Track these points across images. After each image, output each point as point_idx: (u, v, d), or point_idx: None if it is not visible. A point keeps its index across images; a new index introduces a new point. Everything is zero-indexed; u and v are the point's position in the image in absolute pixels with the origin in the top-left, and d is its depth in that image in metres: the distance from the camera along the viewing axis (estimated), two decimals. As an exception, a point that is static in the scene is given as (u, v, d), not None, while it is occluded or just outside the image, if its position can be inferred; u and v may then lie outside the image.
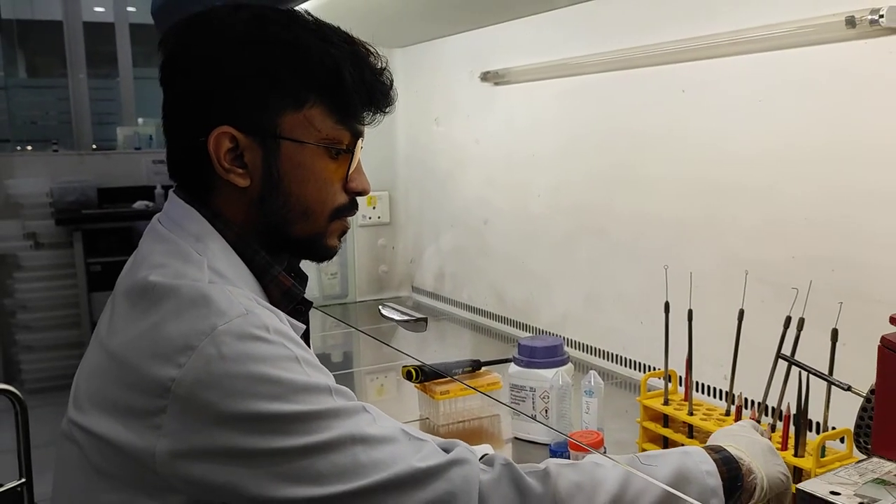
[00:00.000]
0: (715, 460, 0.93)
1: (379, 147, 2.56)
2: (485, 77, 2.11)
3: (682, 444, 1.24)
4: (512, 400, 1.41)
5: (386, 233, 2.62)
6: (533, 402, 1.37)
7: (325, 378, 0.82)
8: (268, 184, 0.89)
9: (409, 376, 1.47)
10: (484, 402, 1.52)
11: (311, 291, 2.51)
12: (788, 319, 1.12)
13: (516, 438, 1.41)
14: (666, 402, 1.27)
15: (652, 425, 1.29)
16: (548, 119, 1.95)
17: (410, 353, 1.81)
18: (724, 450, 0.96)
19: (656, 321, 1.29)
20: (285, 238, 0.93)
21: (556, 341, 1.40)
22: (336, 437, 0.78)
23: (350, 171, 0.93)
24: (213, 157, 0.87)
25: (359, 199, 0.98)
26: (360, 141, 0.93)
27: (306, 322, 1.01)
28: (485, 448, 1.30)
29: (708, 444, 1.01)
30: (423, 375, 1.46)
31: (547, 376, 1.36)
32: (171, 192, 0.94)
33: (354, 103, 0.91)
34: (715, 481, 0.90)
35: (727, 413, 1.23)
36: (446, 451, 0.85)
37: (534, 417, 1.37)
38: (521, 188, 2.06)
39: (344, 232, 0.97)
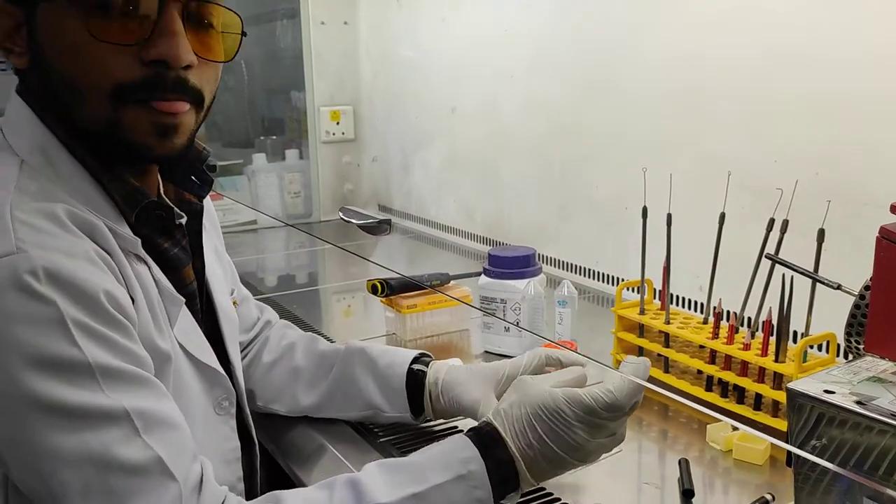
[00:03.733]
0: (488, 467, 0.76)
1: (342, 60, 2.45)
2: (452, -20, 2.00)
3: (658, 355, 1.20)
4: (483, 312, 1.35)
5: (351, 149, 2.52)
6: (504, 315, 1.32)
7: (101, 351, 0.68)
8: (35, 60, 0.76)
9: (374, 290, 1.40)
10: (453, 317, 1.47)
11: (274, 210, 2.43)
12: (772, 222, 1.06)
13: (487, 352, 1.37)
14: (642, 312, 1.23)
15: (627, 336, 1.25)
16: (519, 25, 1.85)
17: (378, 269, 1.74)
18: (501, 444, 0.78)
19: (631, 233, 1.23)
20: (76, 129, 0.77)
21: (527, 251, 1.34)
22: (72, 448, 0.66)
23: (136, 35, 0.72)
24: None
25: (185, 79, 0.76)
26: None
27: (196, 232, 0.90)
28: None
29: (490, 418, 0.81)
30: (389, 289, 1.40)
31: (518, 287, 1.30)
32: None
33: None
34: (484, 494, 0.76)
35: (704, 321, 1.18)
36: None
37: (506, 330, 1.32)
38: (491, 100, 1.97)
39: (162, 125, 0.75)
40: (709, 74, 1.40)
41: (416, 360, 1.04)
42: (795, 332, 1.12)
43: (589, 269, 1.75)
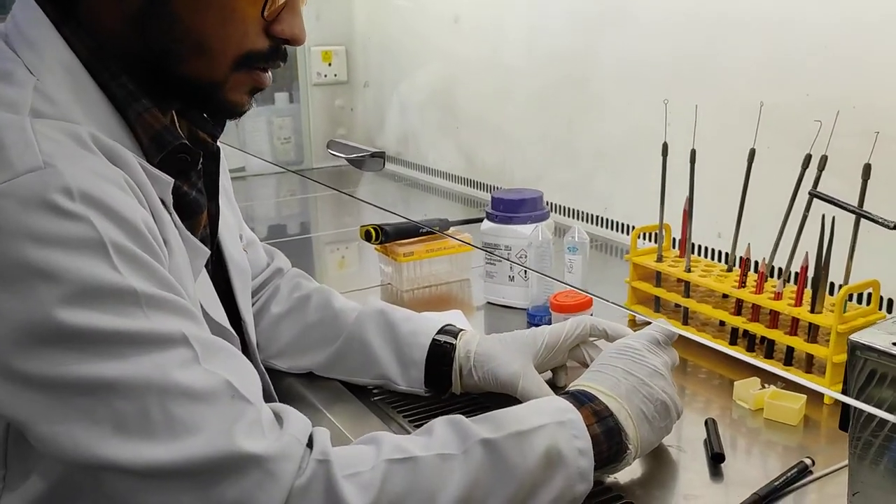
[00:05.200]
0: (594, 436, 0.72)
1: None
2: None
3: (676, 305, 1.11)
4: (486, 261, 1.25)
5: (343, 92, 2.40)
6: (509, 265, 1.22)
7: (142, 278, 0.60)
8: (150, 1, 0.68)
9: (367, 237, 1.30)
10: (453, 266, 1.37)
11: (263, 157, 2.31)
12: (808, 159, 0.96)
13: (489, 303, 1.27)
14: (659, 259, 1.13)
15: (643, 285, 1.15)
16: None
17: (372, 216, 1.64)
18: (610, 415, 0.75)
19: (643, 178, 1.13)
20: (169, 76, 0.72)
21: (534, 193, 1.23)
22: (125, 377, 0.57)
23: (273, 8, 0.71)
24: None
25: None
26: None
27: (210, 173, 0.82)
28: (454, 315, 1.16)
29: (593, 382, 0.78)
30: (384, 235, 1.30)
31: (525, 233, 1.20)
32: None
33: None
34: (586, 462, 0.71)
35: (729, 270, 1.08)
36: (277, 416, 0.65)
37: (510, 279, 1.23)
38: (491, 36, 1.85)
39: (257, 89, 0.76)
40: (730, 4, 1.28)
41: (440, 330, 0.94)
42: (831, 284, 1.03)
43: (597, 217, 1.64)
